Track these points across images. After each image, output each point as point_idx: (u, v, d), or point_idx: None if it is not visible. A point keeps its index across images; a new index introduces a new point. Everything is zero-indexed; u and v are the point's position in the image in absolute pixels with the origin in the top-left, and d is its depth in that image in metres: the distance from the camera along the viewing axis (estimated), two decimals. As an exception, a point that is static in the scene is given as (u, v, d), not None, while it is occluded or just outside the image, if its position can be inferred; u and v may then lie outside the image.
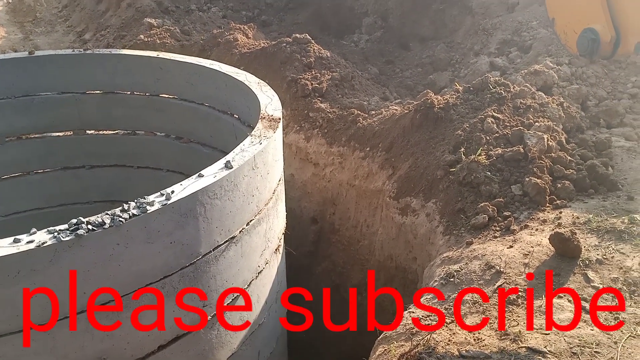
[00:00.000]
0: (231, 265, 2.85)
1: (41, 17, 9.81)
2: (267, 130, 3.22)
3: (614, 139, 3.82)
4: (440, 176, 3.59)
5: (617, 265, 2.58)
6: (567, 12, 3.50)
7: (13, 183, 4.45)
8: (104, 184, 4.65)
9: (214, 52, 6.23)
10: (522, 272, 2.60)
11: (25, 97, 4.42)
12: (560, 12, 3.56)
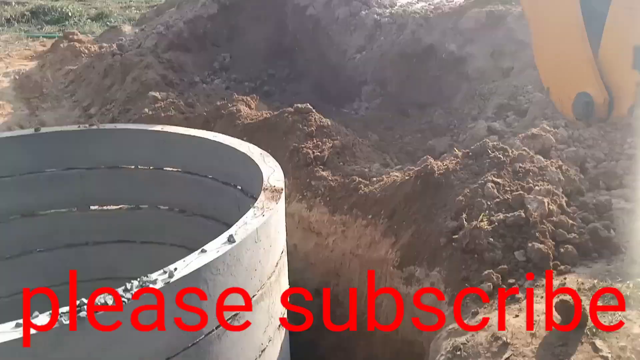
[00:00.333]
0: (234, 344, 2.81)
1: (47, 93, 10.07)
2: (269, 202, 3.25)
3: (615, 201, 3.83)
4: (443, 244, 3.58)
5: (624, 332, 2.54)
6: (561, 80, 3.62)
7: (16, 262, 4.45)
8: (107, 260, 4.65)
9: (217, 124, 6.36)
10: (529, 342, 2.56)
11: (29, 174, 4.49)
12: (554, 80, 3.68)
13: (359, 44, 8.86)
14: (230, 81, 9.04)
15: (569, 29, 3.48)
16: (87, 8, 19.73)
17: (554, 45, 3.68)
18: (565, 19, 3.48)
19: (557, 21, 3.58)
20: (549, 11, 3.66)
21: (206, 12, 10.19)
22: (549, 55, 3.77)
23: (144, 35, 10.34)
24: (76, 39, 12.33)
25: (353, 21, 9.15)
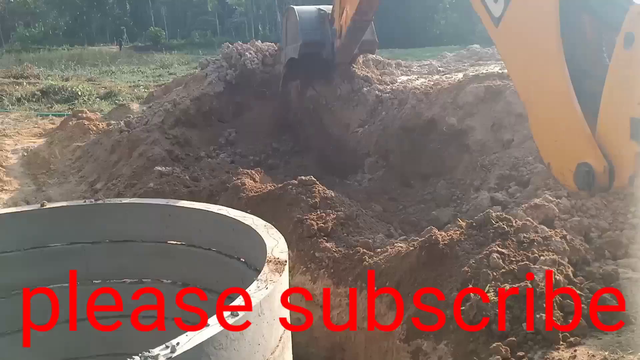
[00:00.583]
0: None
1: (55, 169, 10.24)
2: (273, 274, 3.23)
3: (621, 270, 3.79)
4: (449, 316, 3.53)
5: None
6: (560, 154, 3.68)
7: (15, 339, 4.37)
8: (109, 336, 4.56)
9: (222, 197, 6.42)
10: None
11: (34, 249, 4.49)
12: (554, 155, 3.75)
13: (361, 119, 9.10)
14: (235, 155, 9.20)
15: (563, 105, 3.59)
16: (97, 87, 20.39)
17: (550, 122, 3.79)
18: (559, 97, 3.59)
19: (551, 101, 3.70)
20: (542, 90, 3.79)
21: (212, 90, 10.53)
22: (547, 132, 3.87)
23: (152, 112, 10.62)
24: (85, 116, 12.67)
25: (355, 97, 9.43)
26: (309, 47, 8.88)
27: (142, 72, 27.47)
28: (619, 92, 3.30)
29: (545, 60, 3.75)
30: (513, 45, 4.09)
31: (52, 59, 32.84)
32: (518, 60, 4.07)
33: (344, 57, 9.01)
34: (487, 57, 12.48)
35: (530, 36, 3.88)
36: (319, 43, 8.92)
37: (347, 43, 8.57)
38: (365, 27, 8.30)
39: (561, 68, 3.61)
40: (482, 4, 4.26)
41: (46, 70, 25.82)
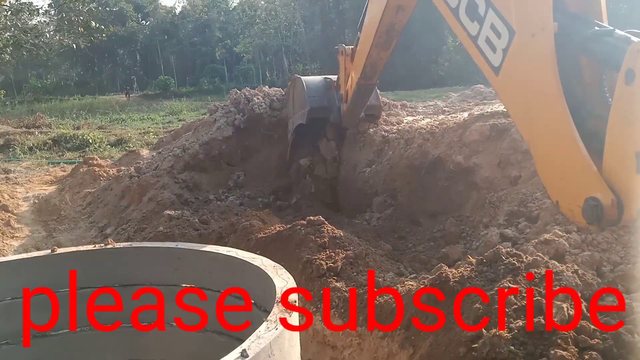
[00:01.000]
0: None
1: (65, 215, 10.33)
2: (282, 314, 3.21)
3: (635, 304, 3.74)
4: (462, 353, 3.47)
5: None
6: (567, 191, 3.70)
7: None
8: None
9: (231, 239, 6.43)
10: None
11: (43, 295, 4.49)
12: (561, 193, 3.77)
13: (368, 159, 9.16)
14: (244, 197, 9.26)
15: (567, 144, 3.64)
16: (107, 135, 20.72)
17: (555, 162, 3.83)
18: (562, 136, 3.65)
19: (555, 142, 3.76)
20: (545, 134, 3.85)
21: (221, 134, 10.67)
22: (552, 172, 3.90)
23: (161, 157, 10.76)
24: (95, 163, 12.85)
25: (361, 138, 9.51)
26: (316, 112, 8.99)
27: (152, 119, 27.92)
28: (622, 127, 3.33)
29: (546, 104, 3.82)
30: (514, 92, 4.17)
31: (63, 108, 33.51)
32: (520, 106, 4.14)
33: (350, 121, 9.08)
34: (491, 97, 12.61)
35: (530, 82, 3.96)
36: (325, 108, 9.01)
37: (353, 107, 8.67)
38: (370, 91, 8.42)
39: (562, 110, 3.67)
40: (481, 56, 4.37)
41: (58, 120, 26.33)
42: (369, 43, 7.33)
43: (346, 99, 8.66)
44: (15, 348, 4.37)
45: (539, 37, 3.84)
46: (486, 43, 4.32)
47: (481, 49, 4.38)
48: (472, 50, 4.49)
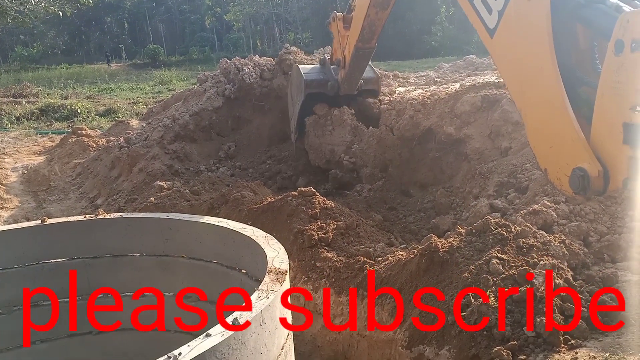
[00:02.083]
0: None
1: (55, 186, 10.27)
2: (274, 284, 3.24)
3: (620, 273, 3.82)
4: (451, 322, 3.54)
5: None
6: (556, 160, 3.72)
7: (17, 354, 4.37)
8: (110, 349, 4.56)
9: (222, 210, 6.44)
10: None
11: (35, 264, 4.50)
12: (550, 161, 3.79)
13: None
14: (235, 168, 9.23)
15: (557, 112, 3.65)
16: (96, 105, 20.50)
17: (545, 129, 3.84)
18: (553, 104, 3.65)
19: (546, 109, 3.76)
20: (537, 100, 3.85)
21: (211, 104, 10.59)
22: (542, 139, 3.91)
23: (151, 128, 10.68)
24: (84, 133, 12.74)
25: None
26: (312, 85, 8.78)
27: (141, 88, 27.60)
28: (610, 98, 3.33)
29: (538, 69, 3.80)
30: (507, 55, 4.16)
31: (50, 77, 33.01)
32: (513, 70, 4.13)
33: (349, 87, 8.79)
34: (483, 67, 12.57)
35: (524, 46, 3.95)
36: (322, 80, 8.81)
37: (351, 72, 8.45)
38: (368, 55, 8.17)
39: (554, 76, 3.66)
40: (477, 16, 4.33)
41: (45, 89, 25.94)
42: (367, 2, 7.22)
43: (344, 65, 8.45)
44: (7, 318, 4.40)
45: (534, 1, 3.81)
46: (482, 3, 4.29)
47: (477, 9, 4.35)
48: (468, 9, 4.46)
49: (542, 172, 3.99)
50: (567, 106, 3.56)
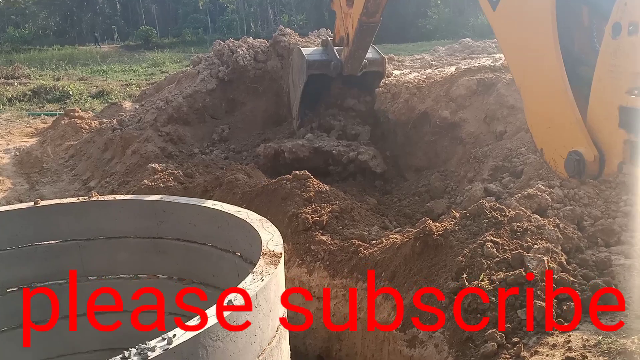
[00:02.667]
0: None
1: (47, 168, 10.20)
2: (268, 267, 3.24)
3: (614, 257, 3.83)
4: (445, 304, 3.55)
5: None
6: (553, 141, 3.70)
7: (12, 335, 4.37)
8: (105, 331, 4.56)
9: (216, 193, 6.42)
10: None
11: (28, 246, 4.48)
12: (547, 141, 3.77)
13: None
14: (229, 151, 9.18)
15: (557, 93, 3.61)
16: (89, 86, 20.31)
17: (543, 109, 3.81)
18: (552, 85, 3.61)
19: (545, 87, 3.72)
20: (537, 77, 3.80)
21: (205, 87, 10.50)
22: (540, 119, 3.88)
23: (144, 110, 10.59)
24: (77, 115, 12.63)
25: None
26: (315, 66, 8.34)
27: (134, 70, 27.36)
28: (607, 81, 3.31)
29: (540, 47, 3.74)
30: (509, 29, 4.07)
31: (42, 59, 32.65)
32: (514, 46, 4.05)
33: (352, 67, 8.28)
34: (478, 51, 12.52)
35: (526, 22, 3.87)
36: (325, 61, 8.37)
37: (355, 49, 8.00)
38: (373, 30, 7.75)
39: (556, 56, 3.61)
40: None
41: (37, 70, 25.68)
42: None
43: (347, 42, 8.05)
44: (1, 300, 4.39)
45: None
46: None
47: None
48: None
49: (538, 151, 3.97)
50: (567, 88, 3.53)
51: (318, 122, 8.70)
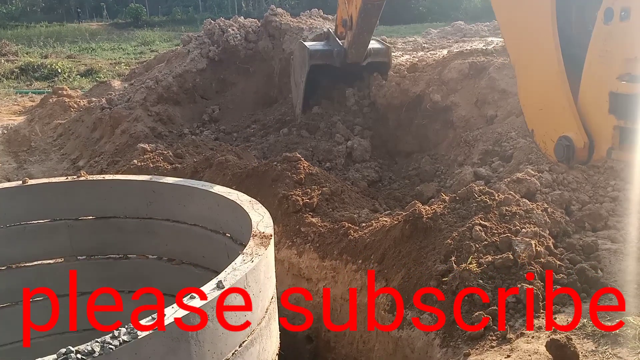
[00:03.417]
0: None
1: (36, 146, 10.10)
2: (258, 248, 3.25)
3: (600, 242, 3.88)
4: (433, 286, 3.58)
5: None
6: (544, 123, 3.69)
7: (1, 314, 4.37)
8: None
9: (206, 174, 6.40)
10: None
11: (17, 225, 4.45)
12: (538, 123, 3.76)
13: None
14: (219, 132, 9.14)
15: (551, 76, 3.59)
16: (77, 64, 20.04)
17: (537, 90, 3.78)
18: (548, 66, 3.59)
19: (540, 68, 3.69)
20: (532, 57, 3.77)
21: (195, 66, 10.41)
22: (533, 99, 3.86)
23: (133, 89, 10.49)
24: (65, 94, 12.47)
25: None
26: (317, 56, 7.93)
27: (123, 49, 27.00)
28: (598, 66, 3.31)
29: (538, 25, 3.67)
30: (508, 4, 4.02)
31: (30, 35, 32.12)
32: (511, 21, 3.98)
33: (356, 53, 7.79)
34: (471, 34, 12.48)
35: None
36: (327, 51, 8.01)
37: (359, 32, 7.54)
38: (377, 9, 7.37)
39: (552, 36, 3.55)
40: None
41: (25, 48, 25.29)
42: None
43: (350, 25, 7.60)
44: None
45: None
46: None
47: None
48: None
49: (529, 132, 3.97)
50: (562, 71, 3.50)
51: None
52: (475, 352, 2.94)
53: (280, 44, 10.40)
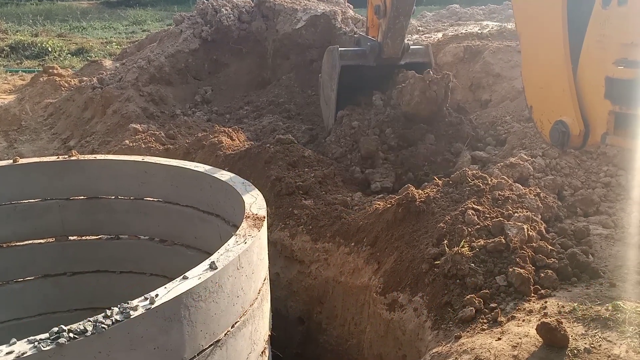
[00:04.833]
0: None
1: (26, 126, 9.99)
2: (251, 229, 3.25)
3: (592, 227, 3.90)
4: (425, 269, 3.60)
5: (605, 353, 2.56)
6: (543, 102, 3.68)
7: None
8: (86, 290, 4.56)
9: (198, 155, 6.36)
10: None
11: (7, 205, 4.42)
12: (537, 101, 3.75)
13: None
14: (211, 113, 9.07)
15: (556, 57, 3.56)
16: (68, 43, 19.79)
17: (540, 68, 3.76)
18: (554, 47, 3.55)
19: (546, 46, 3.66)
20: (539, 34, 3.73)
21: (187, 47, 10.29)
22: (535, 77, 3.83)
23: (125, 69, 10.37)
24: (56, 72, 12.32)
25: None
26: (347, 56, 7.09)
27: (114, 28, 26.68)
28: (595, 51, 3.30)
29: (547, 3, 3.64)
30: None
31: (20, 13, 31.67)
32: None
33: (393, 45, 6.82)
34: (466, 17, 12.43)
35: None
36: (359, 51, 7.13)
37: (394, 17, 6.59)
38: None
39: (561, 16, 3.51)
40: None
41: (14, 26, 24.92)
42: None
43: (384, 12, 6.74)
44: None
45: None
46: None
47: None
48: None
49: (527, 108, 3.95)
50: (567, 53, 3.48)
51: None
52: (467, 334, 2.96)
53: (274, 24, 10.30)
